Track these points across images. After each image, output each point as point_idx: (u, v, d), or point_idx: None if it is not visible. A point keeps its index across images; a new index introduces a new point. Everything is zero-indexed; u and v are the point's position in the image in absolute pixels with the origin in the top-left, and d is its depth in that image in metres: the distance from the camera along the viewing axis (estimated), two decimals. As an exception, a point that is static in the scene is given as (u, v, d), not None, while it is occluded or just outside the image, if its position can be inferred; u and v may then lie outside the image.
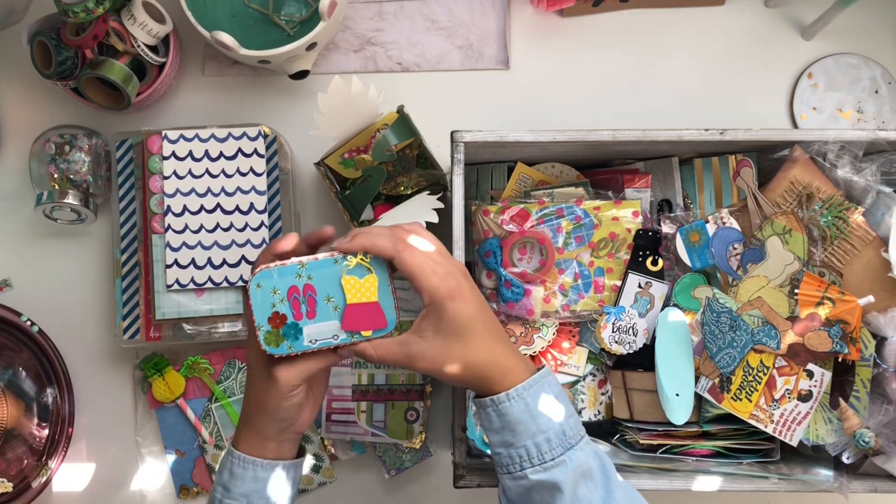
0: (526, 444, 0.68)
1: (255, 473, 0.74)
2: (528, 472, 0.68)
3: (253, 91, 1.10)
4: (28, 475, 1.02)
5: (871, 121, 1.09)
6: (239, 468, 0.75)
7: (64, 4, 0.94)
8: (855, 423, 0.86)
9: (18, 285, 1.08)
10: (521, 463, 0.68)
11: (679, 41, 1.11)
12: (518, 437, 0.68)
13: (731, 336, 0.89)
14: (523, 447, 0.68)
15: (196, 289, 1.01)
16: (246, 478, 0.74)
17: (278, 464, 0.75)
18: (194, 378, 1.06)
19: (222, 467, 0.76)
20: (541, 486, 0.67)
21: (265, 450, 0.75)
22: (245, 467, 0.74)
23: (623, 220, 0.93)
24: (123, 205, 1.03)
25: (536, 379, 0.70)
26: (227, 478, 0.75)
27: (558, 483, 0.67)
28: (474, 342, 0.70)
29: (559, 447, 0.68)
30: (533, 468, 0.68)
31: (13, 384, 1.03)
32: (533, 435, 0.68)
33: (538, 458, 0.68)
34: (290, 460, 0.77)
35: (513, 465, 0.69)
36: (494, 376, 0.70)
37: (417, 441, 1.03)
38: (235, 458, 0.75)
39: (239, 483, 0.74)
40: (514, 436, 0.69)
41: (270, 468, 0.75)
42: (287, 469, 0.76)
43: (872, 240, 0.89)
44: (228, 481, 0.75)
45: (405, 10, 1.10)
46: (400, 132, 0.98)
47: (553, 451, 0.68)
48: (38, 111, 1.09)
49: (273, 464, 0.75)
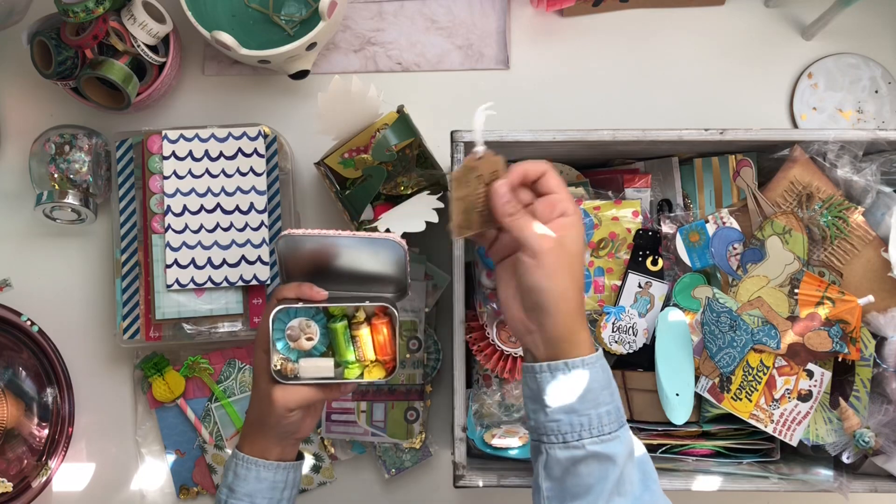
0: (590, 413, 0.69)
1: (258, 474, 0.78)
2: (585, 442, 0.68)
3: (253, 91, 1.10)
4: (28, 475, 1.02)
5: (871, 121, 1.09)
6: (243, 469, 0.79)
7: (64, 4, 0.94)
8: (855, 423, 0.86)
9: (18, 285, 1.08)
10: (580, 432, 0.69)
11: (679, 41, 1.11)
12: (584, 405, 0.69)
13: (731, 336, 0.89)
14: (587, 416, 0.69)
15: (196, 289, 1.01)
16: (249, 478, 0.78)
17: (280, 465, 0.80)
18: (194, 378, 1.06)
19: (227, 469, 0.80)
20: (594, 457, 0.68)
21: (268, 453, 0.79)
22: (248, 468, 0.79)
23: (623, 219, 0.93)
24: (123, 205, 1.03)
25: (601, 354, 0.72)
26: (232, 479, 0.79)
27: (613, 456, 0.68)
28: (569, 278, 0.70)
29: (615, 423, 0.69)
30: (591, 438, 0.68)
31: (13, 384, 1.03)
32: (598, 405, 0.69)
33: (598, 430, 0.69)
34: (292, 462, 0.81)
35: (572, 433, 0.69)
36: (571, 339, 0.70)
37: (417, 441, 1.03)
38: (239, 460, 0.79)
39: (243, 483, 0.78)
40: (581, 402, 0.69)
41: (273, 469, 0.79)
42: (288, 470, 0.80)
43: (872, 240, 0.89)
44: (233, 482, 0.79)
45: (405, 10, 1.10)
46: (400, 132, 0.98)
47: (611, 424, 0.69)
48: (38, 111, 1.09)
49: (275, 465, 0.79)
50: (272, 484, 0.79)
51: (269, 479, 0.79)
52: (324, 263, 0.79)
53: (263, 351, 0.77)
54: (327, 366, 0.78)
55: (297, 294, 0.78)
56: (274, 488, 0.79)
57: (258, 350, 0.78)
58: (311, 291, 0.77)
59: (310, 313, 0.78)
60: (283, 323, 0.78)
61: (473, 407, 0.89)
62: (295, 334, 0.77)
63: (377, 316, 0.79)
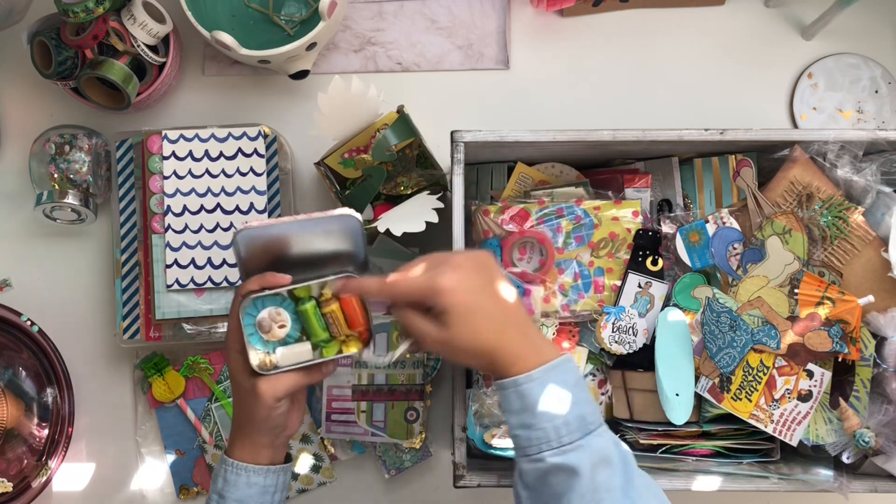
0: (545, 426, 0.68)
1: (248, 479, 0.78)
2: (545, 455, 0.68)
3: (253, 91, 1.10)
4: (28, 475, 1.02)
5: (871, 121, 1.09)
6: (232, 475, 0.78)
7: (64, 4, 0.94)
8: (855, 423, 0.86)
9: (18, 285, 1.08)
10: (540, 445, 0.68)
11: (679, 41, 1.11)
12: (538, 419, 0.69)
13: (731, 336, 0.89)
14: (542, 429, 0.68)
15: (196, 289, 1.01)
16: (239, 483, 0.78)
17: (270, 469, 0.79)
18: (194, 378, 1.06)
19: (216, 476, 0.80)
20: (558, 469, 0.68)
21: (259, 456, 0.79)
22: (238, 474, 0.78)
23: (623, 219, 0.93)
24: (123, 205, 1.03)
25: (557, 363, 0.71)
26: (222, 485, 0.78)
27: (575, 467, 0.67)
28: (476, 331, 0.71)
29: (577, 431, 0.68)
30: (551, 451, 0.68)
31: (13, 384, 1.03)
32: (552, 418, 0.68)
33: (556, 441, 0.68)
34: (280, 465, 0.81)
35: (531, 448, 0.69)
36: (503, 361, 0.70)
37: (417, 441, 1.03)
38: (229, 466, 0.79)
39: (233, 489, 0.78)
40: (533, 417, 0.69)
41: (263, 473, 0.79)
42: (278, 473, 0.80)
43: (872, 240, 0.89)
44: (223, 488, 0.78)
45: (405, 10, 1.10)
46: (400, 132, 0.98)
47: (571, 434, 0.68)
48: (38, 111, 1.09)
49: (265, 469, 0.79)
50: (262, 488, 0.79)
51: (259, 484, 0.78)
52: (281, 254, 0.78)
53: (237, 351, 0.76)
54: (305, 350, 0.77)
55: (260, 285, 0.76)
56: (264, 492, 0.79)
57: (231, 352, 0.77)
58: (274, 279, 0.76)
59: (276, 302, 0.77)
60: (252, 317, 0.76)
61: (473, 407, 0.88)
62: (266, 324, 0.76)
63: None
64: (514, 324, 0.72)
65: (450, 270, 0.71)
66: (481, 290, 0.72)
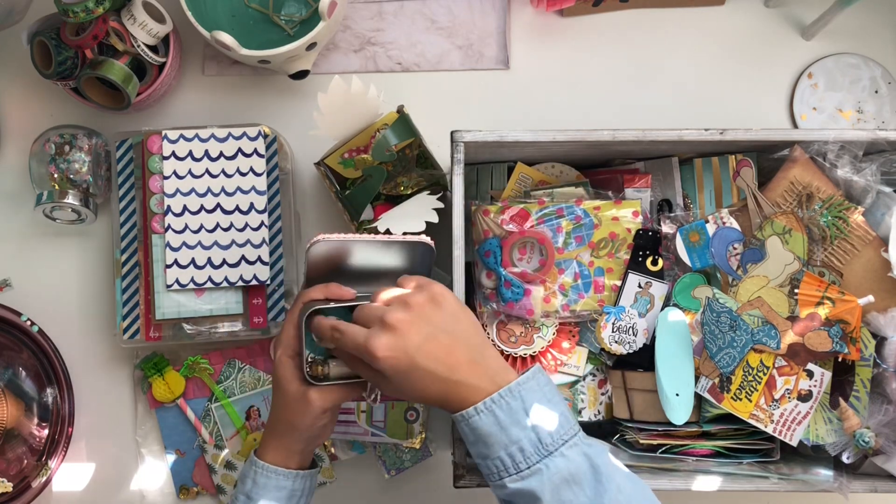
0: (499, 455, 0.68)
1: (277, 482, 0.79)
2: (505, 482, 0.68)
3: (253, 91, 1.10)
4: (28, 475, 1.02)
5: (871, 121, 1.09)
6: (262, 478, 0.79)
7: (64, 4, 0.94)
8: (855, 423, 0.86)
9: (18, 285, 1.08)
10: (499, 473, 0.69)
11: (679, 41, 1.11)
12: (491, 449, 0.69)
13: (731, 336, 0.89)
14: (497, 458, 0.69)
15: (196, 289, 1.01)
16: (269, 486, 0.79)
17: (300, 473, 0.80)
18: (194, 378, 1.06)
19: (244, 477, 0.80)
20: (518, 494, 0.68)
21: (290, 461, 0.80)
22: (269, 477, 0.79)
23: (623, 219, 0.93)
24: (123, 205, 1.03)
25: (512, 388, 0.69)
26: (251, 486, 0.79)
27: (534, 491, 0.67)
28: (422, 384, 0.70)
29: (534, 455, 0.68)
30: (510, 477, 0.68)
31: (13, 384, 1.03)
32: (505, 446, 0.68)
33: (513, 468, 0.68)
34: (309, 470, 0.82)
35: (491, 476, 0.70)
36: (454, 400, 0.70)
37: (417, 441, 1.03)
38: (259, 468, 0.79)
39: (262, 492, 0.79)
40: (487, 448, 0.69)
41: (292, 478, 0.80)
42: (306, 478, 0.81)
43: (872, 240, 0.89)
44: (251, 490, 0.79)
45: (405, 10, 1.10)
46: (400, 132, 0.98)
47: (528, 459, 0.68)
48: (38, 111, 1.09)
49: (294, 473, 0.80)
50: (290, 493, 0.79)
51: (288, 488, 0.79)
52: (342, 265, 0.79)
53: (290, 357, 0.77)
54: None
55: (325, 295, 0.77)
56: (291, 497, 0.80)
57: (282, 356, 0.77)
58: (340, 291, 0.77)
59: (340, 313, 0.77)
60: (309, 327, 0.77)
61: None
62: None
63: None
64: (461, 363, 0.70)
65: (385, 334, 0.69)
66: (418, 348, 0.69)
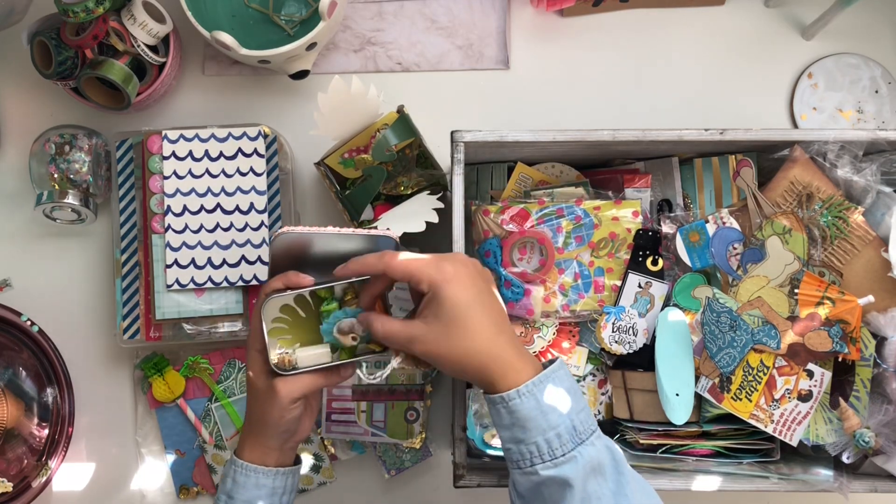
0: (536, 440, 0.68)
1: (256, 480, 0.78)
2: (538, 468, 0.68)
3: (253, 91, 1.10)
4: (28, 475, 1.02)
5: (871, 121, 1.09)
6: (241, 476, 0.78)
7: (64, 4, 0.94)
8: (855, 423, 0.86)
9: (18, 285, 1.08)
10: (532, 459, 0.68)
11: (679, 41, 1.11)
12: (528, 434, 0.68)
13: (731, 336, 0.89)
14: (534, 444, 0.68)
15: (196, 289, 1.01)
16: (248, 485, 0.78)
17: (279, 471, 0.79)
18: (194, 378, 1.06)
19: (225, 476, 0.80)
20: (551, 481, 0.67)
21: (268, 458, 0.79)
22: (247, 475, 0.78)
23: (623, 219, 0.93)
24: (123, 205, 1.03)
25: (548, 374, 0.70)
26: (231, 485, 0.79)
27: (568, 479, 0.67)
28: (473, 329, 0.70)
29: (570, 443, 0.68)
30: (543, 464, 0.68)
31: (13, 384, 1.03)
32: (543, 431, 0.68)
33: (549, 455, 0.68)
34: (289, 467, 0.81)
35: (523, 461, 0.69)
36: (495, 370, 0.70)
37: (417, 441, 1.03)
38: (238, 467, 0.79)
39: (241, 490, 0.78)
40: (524, 432, 0.68)
41: (271, 475, 0.79)
42: (287, 475, 0.80)
43: (872, 240, 0.89)
44: (231, 489, 0.79)
45: (405, 10, 1.10)
46: (400, 132, 0.98)
47: (563, 446, 0.68)
48: (38, 111, 1.09)
49: (274, 471, 0.79)
50: (271, 490, 0.79)
51: (268, 486, 0.78)
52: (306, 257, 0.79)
53: (257, 350, 0.76)
54: (324, 351, 0.77)
55: (284, 283, 0.77)
56: (273, 494, 0.79)
57: (251, 350, 0.77)
58: (298, 279, 0.77)
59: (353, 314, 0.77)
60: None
61: (473, 407, 0.88)
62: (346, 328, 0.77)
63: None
64: (506, 332, 0.72)
65: (456, 263, 0.71)
66: (482, 290, 0.71)
